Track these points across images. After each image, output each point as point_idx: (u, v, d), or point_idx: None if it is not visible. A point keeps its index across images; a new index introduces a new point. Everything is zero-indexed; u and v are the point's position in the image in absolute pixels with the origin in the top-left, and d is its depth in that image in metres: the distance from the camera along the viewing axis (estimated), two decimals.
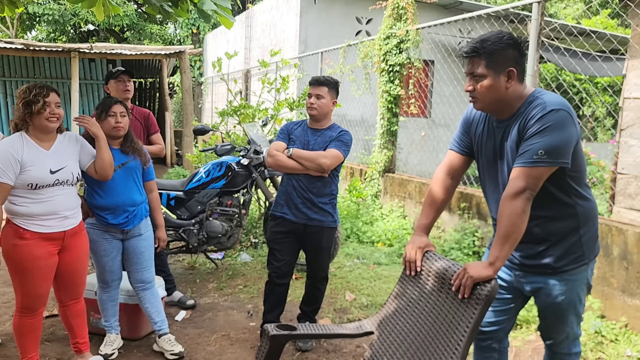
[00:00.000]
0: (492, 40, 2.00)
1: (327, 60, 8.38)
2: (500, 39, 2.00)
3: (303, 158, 3.19)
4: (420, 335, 2.02)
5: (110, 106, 3.05)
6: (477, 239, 4.96)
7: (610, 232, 3.66)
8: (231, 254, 5.32)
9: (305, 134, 3.32)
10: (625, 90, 4.12)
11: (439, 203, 2.31)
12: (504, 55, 2.00)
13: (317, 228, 3.28)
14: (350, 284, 4.54)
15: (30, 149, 2.63)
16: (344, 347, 3.42)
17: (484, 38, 2.02)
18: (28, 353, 2.79)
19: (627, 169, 4.08)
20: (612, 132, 9.13)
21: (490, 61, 2.00)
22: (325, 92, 3.26)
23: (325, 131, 3.30)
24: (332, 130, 3.31)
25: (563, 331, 2.23)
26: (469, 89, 2.08)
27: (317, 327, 2.30)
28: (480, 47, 2.00)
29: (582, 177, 2.10)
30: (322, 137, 3.29)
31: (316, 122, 3.32)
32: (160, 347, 3.26)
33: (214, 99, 15.47)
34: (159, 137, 4.15)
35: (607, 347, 3.36)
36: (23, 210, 2.60)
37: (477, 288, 1.90)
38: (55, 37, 21.05)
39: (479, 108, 2.13)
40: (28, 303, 2.70)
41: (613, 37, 6.29)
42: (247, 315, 3.92)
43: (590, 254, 2.16)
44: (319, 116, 3.29)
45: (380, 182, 6.64)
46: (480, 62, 2.01)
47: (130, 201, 3.11)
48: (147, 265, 3.24)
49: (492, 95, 2.03)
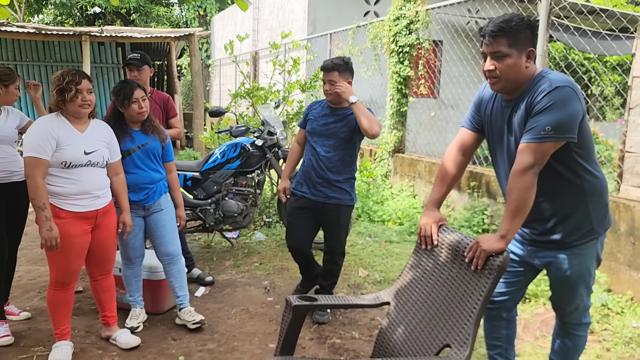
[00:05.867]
0: (515, 21, 2.05)
1: (336, 42, 8.41)
2: (522, 19, 2.06)
3: (362, 111, 3.21)
4: (435, 305, 2.14)
5: (132, 93, 3.15)
6: (486, 217, 5.07)
7: (617, 209, 3.75)
8: (245, 233, 5.46)
9: (326, 113, 3.43)
10: (635, 69, 4.17)
11: (450, 178, 2.39)
12: (526, 36, 2.07)
13: (335, 206, 3.41)
14: (363, 261, 4.68)
15: (67, 129, 2.76)
16: (359, 320, 3.56)
17: (506, 18, 2.07)
18: (61, 325, 2.95)
19: (634, 147, 4.15)
20: (621, 111, 9.13)
21: (514, 40, 2.05)
22: (336, 76, 3.33)
23: (343, 110, 3.39)
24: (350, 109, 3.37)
25: (573, 302, 2.33)
26: (490, 68, 2.11)
27: (336, 298, 2.43)
28: (506, 27, 2.05)
29: (589, 153, 2.17)
30: (341, 116, 3.39)
31: (335, 103, 3.42)
32: (182, 319, 3.41)
33: (221, 81, 15.52)
34: (177, 120, 4.25)
35: (613, 319, 3.48)
36: (59, 190, 2.74)
37: (490, 259, 2.00)
38: (62, 20, 21.10)
39: (498, 89, 2.16)
40: (62, 278, 2.85)
41: (623, 15, 6.29)
42: (264, 291, 4.06)
43: (599, 228, 2.24)
44: (335, 100, 3.39)
45: (390, 162, 6.74)
46: (504, 41, 2.05)
47: (149, 179, 3.24)
48: (171, 238, 3.35)
49: (514, 74, 2.09)
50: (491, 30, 2.06)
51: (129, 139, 3.21)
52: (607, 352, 3.11)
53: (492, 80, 2.14)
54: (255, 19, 12.86)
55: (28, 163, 2.67)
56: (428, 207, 2.35)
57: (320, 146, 3.40)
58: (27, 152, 2.67)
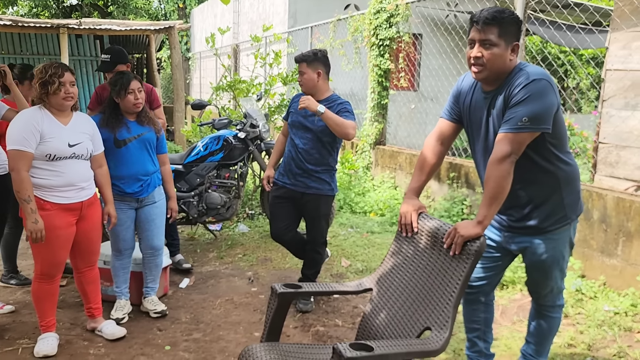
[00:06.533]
0: (507, 13, 2.12)
1: (317, 35, 8.45)
2: (512, 13, 2.14)
3: (332, 120, 3.23)
4: (415, 289, 2.21)
5: (128, 84, 3.17)
6: (465, 206, 5.18)
7: (590, 197, 3.88)
8: (229, 225, 5.49)
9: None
10: (608, 62, 4.30)
11: (429, 167, 2.46)
12: (514, 29, 2.14)
13: (315, 196, 3.47)
14: (346, 251, 4.75)
15: (50, 122, 2.77)
16: (342, 308, 3.63)
17: (499, 9, 2.13)
18: (46, 317, 2.97)
19: (608, 138, 4.29)
20: (596, 103, 9.34)
21: (503, 31, 2.12)
22: (304, 67, 3.38)
23: (322, 102, 3.38)
24: (329, 102, 3.39)
25: (548, 285, 2.43)
26: (477, 55, 2.15)
27: (320, 285, 2.49)
28: (499, 16, 2.11)
29: (562, 143, 2.27)
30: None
31: (312, 95, 3.42)
32: (145, 307, 3.48)
33: (202, 74, 15.44)
34: (161, 111, 4.25)
35: (586, 303, 3.61)
36: (43, 182, 2.75)
37: (467, 244, 2.07)
38: (38, 12, 20.71)
39: (481, 77, 2.20)
40: (47, 270, 2.86)
41: (596, 9, 6.43)
42: (248, 282, 4.11)
43: (572, 214, 2.34)
44: (307, 91, 3.44)
45: (372, 154, 6.82)
46: (496, 31, 2.11)
47: (144, 171, 3.27)
48: (158, 233, 3.41)
49: (499, 64, 2.15)
50: (485, 17, 2.11)
51: (124, 128, 3.23)
52: (581, 335, 3.23)
53: (477, 67, 2.18)
54: (235, 11, 12.82)
55: (12, 156, 2.67)
56: (408, 196, 2.42)
57: (299, 138, 3.45)
58: (11, 145, 2.67)
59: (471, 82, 2.35)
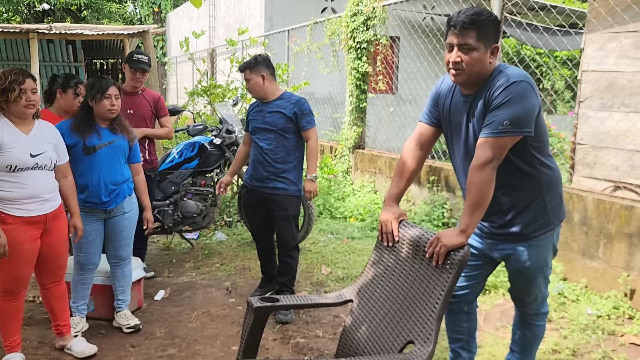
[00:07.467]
0: (485, 15, 2.04)
1: (294, 38, 8.37)
2: (490, 14, 2.06)
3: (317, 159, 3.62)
4: (397, 301, 2.13)
5: (106, 89, 3.07)
6: (446, 210, 5.13)
7: (571, 199, 3.86)
8: (206, 233, 5.36)
9: (260, 109, 3.56)
10: (584, 64, 4.29)
11: (409, 173, 2.37)
12: (493, 31, 2.07)
13: (282, 197, 3.51)
14: (326, 258, 4.66)
15: (10, 131, 2.62)
16: (322, 318, 3.54)
17: (477, 11, 2.05)
18: (10, 336, 2.81)
19: (585, 139, 4.28)
20: (572, 104, 9.42)
21: (482, 35, 2.04)
22: (249, 74, 3.49)
23: (275, 101, 3.53)
24: (283, 100, 3.52)
25: (532, 293, 2.37)
26: (456, 60, 2.07)
27: (299, 297, 2.39)
28: (477, 19, 2.03)
29: (544, 147, 2.21)
30: (273, 108, 3.51)
31: (262, 98, 3.56)
32: (117, 322, 3.34)
33: (178, 79, 15.24)
34: (168, 120, 4.21)
35: (569, 307, 3.58)
36: (5, 194, 2.60)
37: (451, 254, 2.00)
38: (9, 17, 20.24)
39: (460, 81, 2.14)
40: (11, 286, 2.71)
41: (572, 11, 6.47)
42: (226, 292, 3.99)
43: (555, 220, 2.28)
44: (256, 95, 3.56)
45: (351, 159, 6.75)
46: (474, 34, 2.03)
47: (112, 180, 3.13)
48: (124, 244, 3.29)
49: (478, 68, 2.08)
50: (463, 22, 2.03)
51: (95, 135, 3.11)
52: (565, 340, 3.18)
53: (455, 72, 2.11)
54: (211, 15, 12.66)
55: None
56: (387, 203, 2.33)
57: (263, 140, 3.52)
58: None
59: (450, 85, 2.28)
